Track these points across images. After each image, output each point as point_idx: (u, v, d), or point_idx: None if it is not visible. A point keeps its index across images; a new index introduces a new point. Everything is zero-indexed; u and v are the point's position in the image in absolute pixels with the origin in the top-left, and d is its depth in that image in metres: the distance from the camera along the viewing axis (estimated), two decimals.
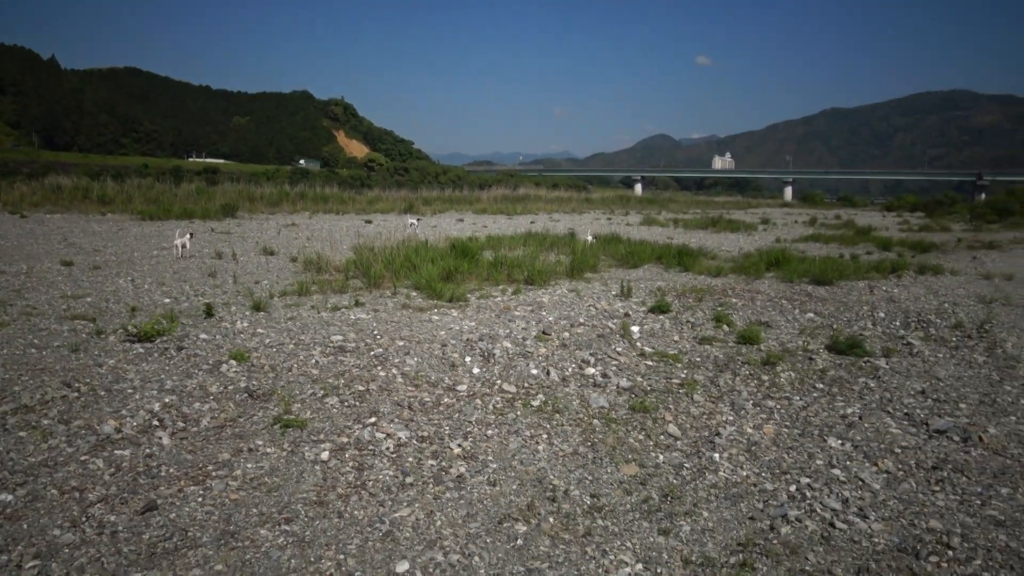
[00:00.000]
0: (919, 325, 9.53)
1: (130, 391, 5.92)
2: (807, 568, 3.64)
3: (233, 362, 6.76)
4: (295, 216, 29.12)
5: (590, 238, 18.41)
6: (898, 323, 9.70)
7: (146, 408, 5.47)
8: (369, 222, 27.32)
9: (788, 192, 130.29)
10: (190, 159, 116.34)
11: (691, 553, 3.78)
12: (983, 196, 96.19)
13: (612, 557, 3.73)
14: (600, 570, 3.60)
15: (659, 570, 3.63)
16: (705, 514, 4.22)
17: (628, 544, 3.86)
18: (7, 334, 7.81)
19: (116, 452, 4.73)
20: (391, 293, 11.12)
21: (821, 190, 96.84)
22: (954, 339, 8.84)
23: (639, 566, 3.66)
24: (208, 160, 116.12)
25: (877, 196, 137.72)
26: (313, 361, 6.91)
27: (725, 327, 9.05)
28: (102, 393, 5.83)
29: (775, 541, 3.89)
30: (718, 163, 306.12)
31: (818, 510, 4.25)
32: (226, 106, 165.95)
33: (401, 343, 7.53)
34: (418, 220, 24.39)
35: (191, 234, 15.60)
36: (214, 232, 20.55)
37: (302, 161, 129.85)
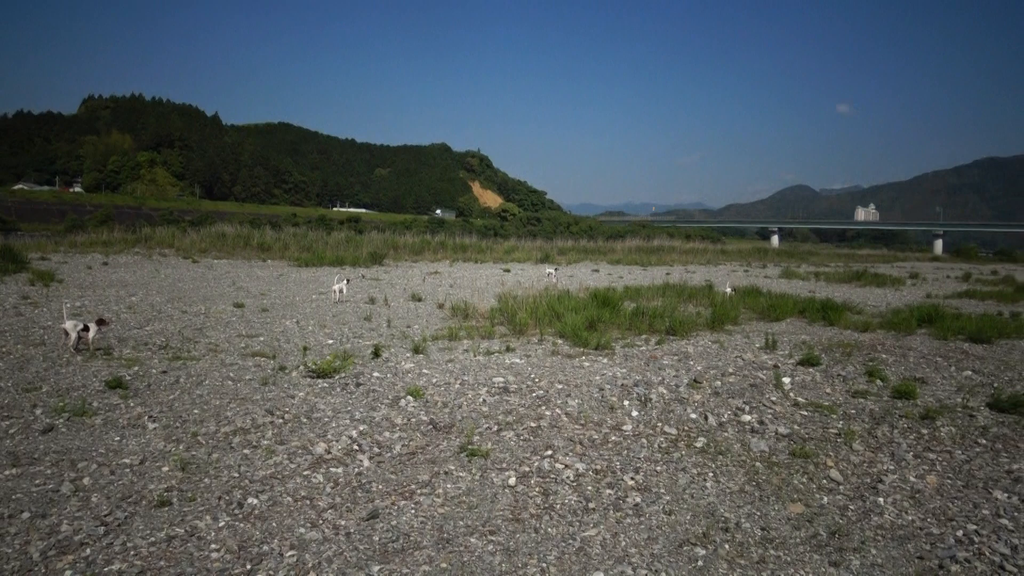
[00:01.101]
0: None
1: (326, 419, 6.79)
2: None
3: (410, 398, 7.56)
4: (437, 264, 30.81)
5: (729, 290, 18.60)
6: None
7: (346, 435, 6.31)
8: (507, 271, 28.60)
9: (938, 245, 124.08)
10: (334, 208, 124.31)
11: None
12: None
13: None
14: None
15: None
16: (873, 551, 4.57)
17: (801, 572, 4.28)
18: (203, 367, 8.95)
19: (331, 470, 5.55)
20: (538, 340, 11.76)
21: (976, 243, 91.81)
22: None
23: None
24: (351, 209, 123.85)
25: None
26: (481, 400, 7.62)
27: (878, 381, 9.17)
28: (304, 420, 6.72)
29: (955, 572, 4.19)
30: (861, 214, 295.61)
31: (987, 554, 4.52)
32: (369, 158, 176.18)
33: (560, 386, 8.14)
34: (556, 270, 25.22)
35: (348, 280, 16.93)
36: (364, 279, 22.08)
37: (439, 211, 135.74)
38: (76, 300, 14.08)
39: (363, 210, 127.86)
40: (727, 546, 4.56)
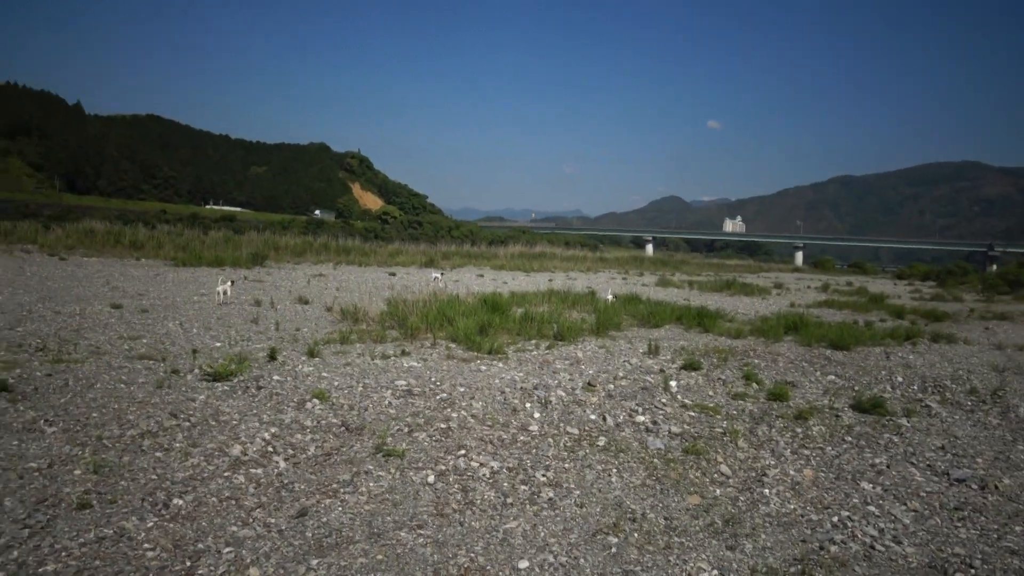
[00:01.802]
0: (936, 390, 10.45)
1: (234, 422, 6.87)
2: None
3: (316, 400, 7.71)
4: (320, 266, 30.53)
5: (610, 297, 19.41)
6: (916, 387, 10.61)
7: (259, 436, 6.43)
8: (393, 274, 28.61)
9: (799, 257, 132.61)
10: (207, 206, 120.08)
11: (756, 564, 4.72)
12: (994, 267, 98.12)
13: (692, 565, 4.67)
14: (684, 574, 4.53)
15: None
16: (763, 536, 5.16)
17: (703, 556, 4.81)
18: (89, 370, 8.75)
19: (251, 471, 5.68)
20: (431, 344, 12.04)
21: (832, 256, 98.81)
22: (969, 403, 9.75)
23: (715, 572, 4.59)
24: (225, 208, 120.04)
25: (888, 264, 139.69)
26: (387, 402, 7.86)
27: (754, 385, 9.99)
28: (212, 423, 6.78)
29: (826, 556, 4.83)
30: (729, 226, 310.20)
31: (859, 536, 5.19)
32: (244, 155, 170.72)
33: (462, 389, 8.48)
34: (442, 274, 25.51)
35: (232, 281, 16.65)
36: (247, 280, 21.65)
37: (317, 212, 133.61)
38: None
39: (238, 208, 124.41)
40: (636, 534, 5.03)
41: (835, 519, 5.52)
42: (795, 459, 6.95)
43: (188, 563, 4.21)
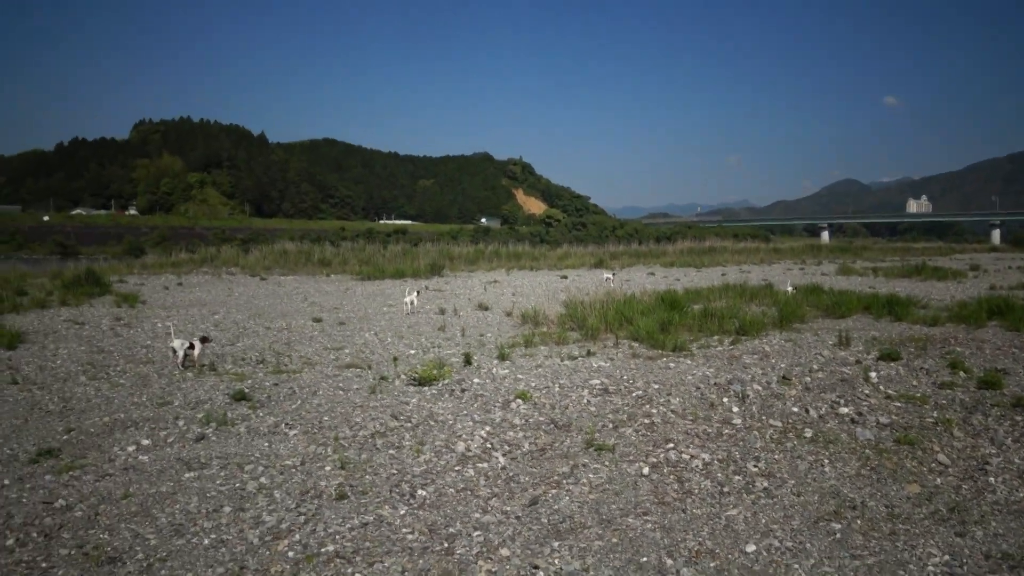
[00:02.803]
0: None
1: (450, 422, 7.52)
2: None
3: (520, 401, 8.26)
4: (493, 273, 31.80)
5: (790, 289, 19.08)
6: None
7: (477, 435, 7.02)
8: (564, 277, 29.46)
9: (996, 235, 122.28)
10: (380, 220, 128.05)
11: (990, 550, 4.78)
12: None
13: (921, 550, 4.80)
14: (914, 558, 4.67)
15: (964, 561, 4.65)
16: (993, 523, 5.19)
17: (931, 541, 4.92)
18: (308, 379, 9.74)
19: (478, 465, 6.28)
20: (614, 344, 12.38)
21: None
22: None
23: (947, 556, 4.70)
24: (397, 221, 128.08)
25: None
26: (585, 400, 8.29)
27: (962, 373, 9.66)
28: (432, 423, 7.46)
29: None
30: (913, 207, 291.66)
31: None
32: (412, 169, 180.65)
33: (656, 386, 8.78)
34: (613, 274, 25.90)
35: (418, 292, 17.75)
36: (428, 289, 22.92)
37: (483, 220, 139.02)
38: (165, 320, 14.98)
39: (409, 221, 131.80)
40: (859, 521, 5.19)
41: None
42: (1018, 448, 6.79)
43: (446, 544, 4.80)
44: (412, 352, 12.00)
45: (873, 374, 9.43)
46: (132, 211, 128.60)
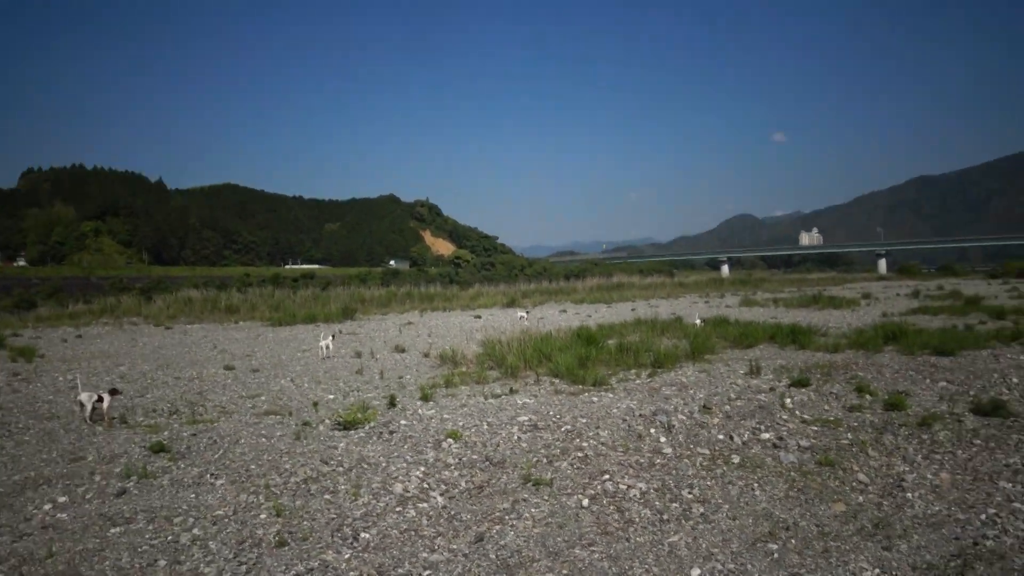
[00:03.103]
0: None
1: (383, 464, 7.46)
2: (1016, 568, 4.86)
3: (451, 440, 8.26)
4: (406, 315, 31.75)
5: (698, 321, 19.68)
6: None
7: (413, 475, 7.00)
8: (478, 317, 29.61)
9: (882, 265, 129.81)
10: (287, 266, 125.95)
11: (915, 562, 5.07)
12: None
13: (853, 565, 5.05)
14: (847, 573, 4.91)
15: (894, 573, 4.91)
16: (915, 536, 5.50)
17: (862, 557, 5.18)
18: (227, 428, 9.51)
19: (418, 505, 6.26)
20: (534, 381, 12.51)
21: (918, 261, 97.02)
22: None
23: (877, 570, 4.96)
24: (304, 266, 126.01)
25: (979, 264, 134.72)
26: (516, 437, 8.36)
27: (868, 396, 10.18)
28: (365, 467, 7.39)
29: (983, 551, 5.12)
30: (805, 239, 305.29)
31: (1010, 530, 5.48)
32: (318, 214, 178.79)
33: (584, 420, 8.94)
34: (527, 312, 26.10)
35: (333, 336, 17.51)
36: (342, 333, 22.61)
37: (392, 262, 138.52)
38: (66, 374, 14.33)
39: (316, 266, 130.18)
40: (793, 541, 5.42)
41: (983, 517, 5.80)
42: (928, 464, 7.22)
43: None
44: (331, 397, 11.83)
45: (788, 400, 9.84)
46: (21, 262, 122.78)
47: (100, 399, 10.17)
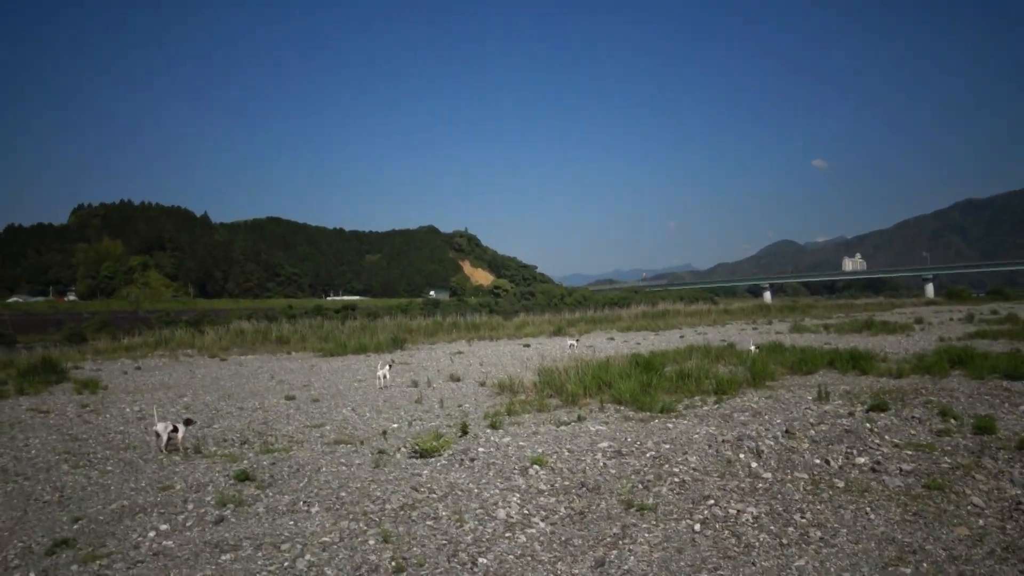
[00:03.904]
0: None
1: (475, 491, 7.44)
2: None
3: (537, 466, 8.23)
4: (454, 344, 31.98)
5: (753, 348, 19.54)
6: None
7: (511, 501, 6.96)
8: (527, 346, 29.71)
9: (930, 289, 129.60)
10: (328, 298, 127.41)
11: None
12: None
13: None
14: None
15: None
16: None
17: None
18: (303, 457, 9.54)
19: (526, 530, 6.24)
20: (599, 408, 12.44)
21: (965, 285, 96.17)
22: None
23: None
24: (345, 297, 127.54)
25: None
26: (601, 463, 8.31)
27: (952, 420, 10.01)
28: (459, 493, 7.39)
29: None
30: (848, 264, 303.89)
31: None
32: (358, 245, 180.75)
33: (667, 446, 8.87)
34: (576, 341, 26.09)
35: (390, 365, 17.57)
36: (395, 363, 22.65)
37: (432, 292, 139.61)
38: (132, 405, 14.51)
39: (357, 297, 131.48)
40: (924, 564, 5.33)
41: None
42: None
43: None
44: (395, 426, 11.84)
45: (868, 425, 9.69)
46: (71, 296, 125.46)
47: (175, 429, 10.28)
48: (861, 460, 8.07)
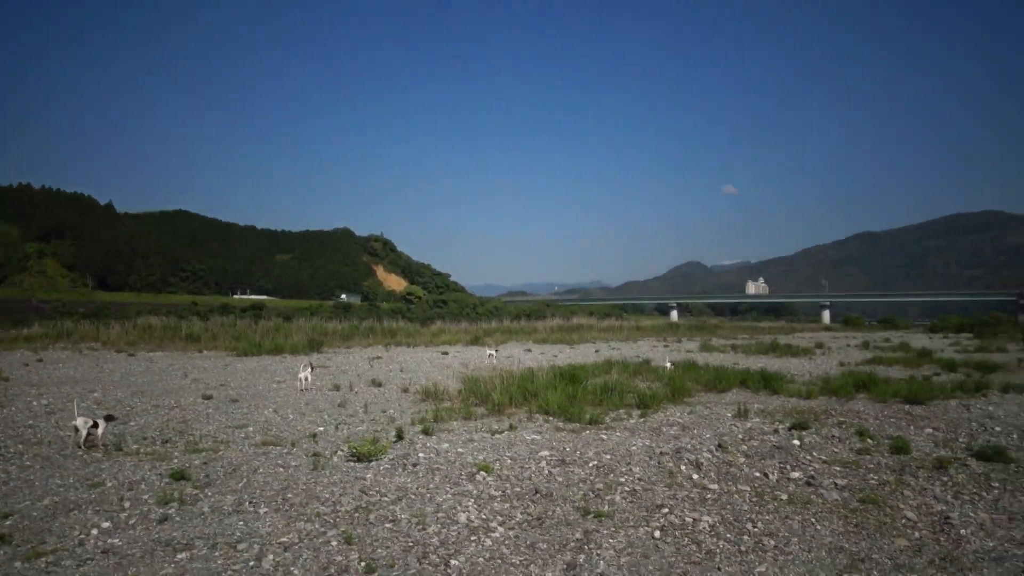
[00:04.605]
0: None
1: (427, 495, 7.48)
2: None
3: (484, 473, 8.32)
4: (371, 349, 31.62)
5: (669, 365, 20.09)
6: (1015, 436, 11.20)
7: (468, 506, 7.02)
8: (445, 353, 29.70)
9: (826, 315, 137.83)
10: (235, 296, 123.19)
11: None
12: None
13: None
14: None
15: None
16: (985, 570, 5.82)
17: None
18: (234, 458, 9.37)
19: (491, 535, 6.30)
20: (527, 418, 12.60)
21: (858, 313, 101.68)
22: None
23: None
24: (253, 296, 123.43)
25: (916, 318, 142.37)
26: (546, 471, 8.47)
27: (869, 440, 10.61)
28: (412, 496, 7.40)
29: None
30: (752, 288, 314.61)
31: None
32: (269, 244, 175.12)
33: (608, 457, 9.09)
34: (496, 351, 26.21)
35: (312, 368, 17.29)
36: (316, 367, 22.25)
37: (344, 295, 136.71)
38: (40, 398, 13.85)
39: (265, 297, 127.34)
40: (875, 572, 5.69)
41: None
42: (961, 504, 7.59)
43: None
44: (321, 429, 11.70)
45: (796, 442, 10.18)
46: None
47: (96, 425, 9.91)
48: (796, 475, 8.48)
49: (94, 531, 6.35)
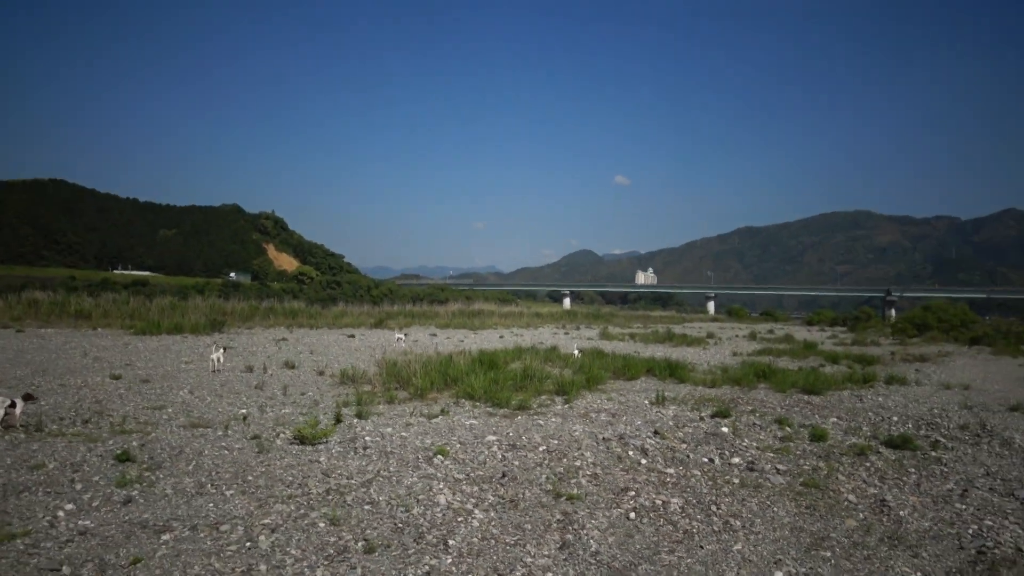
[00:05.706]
0: (929, 427, 12.06)
1: (394, 478, 7.63)
2: None
3: (440, 456, 8.50)
4: (274, 331, 30.99)
5: (577, 352, 20.66)
6: (910, 425, 12.20)
7: (440, 488, 7.22)
8: (352, 336, 29.47)
9: (711, 306, 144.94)
10: (116, 271, 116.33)
11: (948, 568, 6.04)
12: (893, 311, 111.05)
13: (897, 570, 5.93)
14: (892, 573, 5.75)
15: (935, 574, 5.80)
16: (929, 546, 6.48)
17: (900, 563, 6.06)
18: (172, 440, 9.21)
19: (477, 515, 6.55)
20: (453, 402, 12.81)
21: (740, 304, 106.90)
22: (967, 437, 11.38)
23: (919, 574, 5.81)
24: (135, 272, 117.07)
25: (792, 310, 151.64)
26: (499, 456, 8.73)
27: (788, 428, 11.34)
28: (381, 479, 7.54)
29: (998, 555, 6.12)
30: (641, 278, 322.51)
31: (1003, 541, 6.54)
32: (153, 218, 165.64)
33: (555, 442, 9.44)
34: (405, 335, 26.15)
35: (224, 349, 16.88)
36: (227, 348, 21.63)
37: (232, 274, 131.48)
38: None
39: (148, 273, 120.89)
40: (838, 549, 6.24)
41: (972, 529, 6.87)
42: (889, 487, 8.32)
43: None
44: (244, 411, 11.56)
45: (725, 429, 10.80)
46: None
47: (13, 404, 9.51)
48: (736, 460, 9.05)
49: (60, 513, 6.23)
